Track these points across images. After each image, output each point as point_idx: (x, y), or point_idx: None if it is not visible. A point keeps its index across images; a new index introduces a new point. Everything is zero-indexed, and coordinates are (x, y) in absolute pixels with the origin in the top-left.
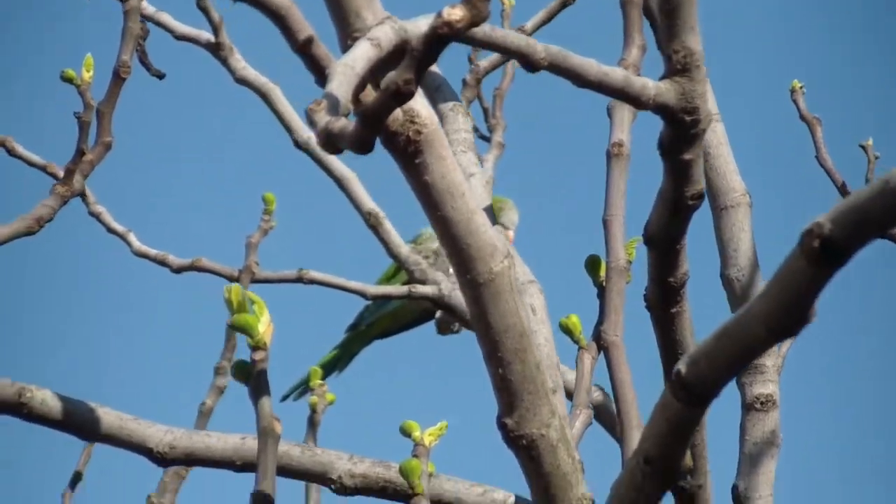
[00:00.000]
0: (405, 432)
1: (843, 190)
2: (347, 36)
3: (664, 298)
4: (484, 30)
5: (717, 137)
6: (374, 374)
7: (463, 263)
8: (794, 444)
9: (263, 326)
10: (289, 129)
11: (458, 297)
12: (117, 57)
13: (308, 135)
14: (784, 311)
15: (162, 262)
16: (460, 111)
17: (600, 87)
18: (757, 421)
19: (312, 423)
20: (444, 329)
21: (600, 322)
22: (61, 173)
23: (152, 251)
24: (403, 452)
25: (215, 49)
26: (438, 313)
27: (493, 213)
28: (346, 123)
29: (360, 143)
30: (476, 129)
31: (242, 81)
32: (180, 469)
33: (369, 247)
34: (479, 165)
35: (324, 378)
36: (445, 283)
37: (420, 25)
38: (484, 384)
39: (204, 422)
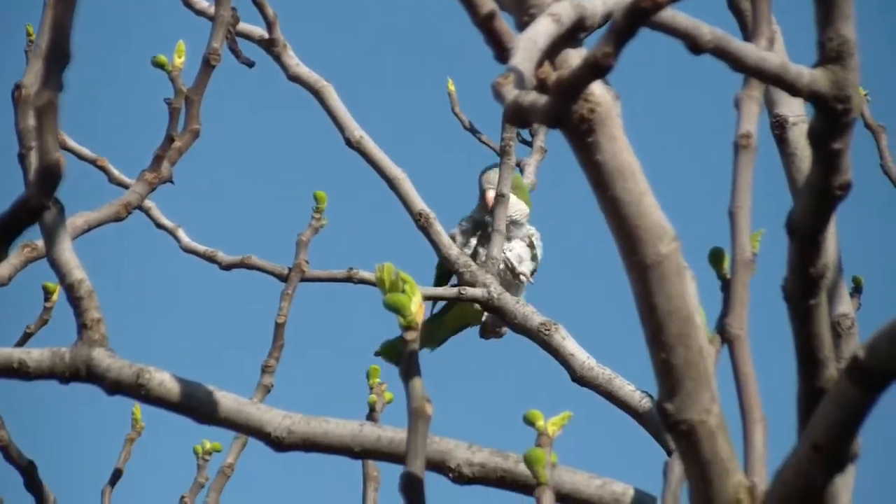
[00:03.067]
0: (529, 421)
1: None
2: (524, 12)
3: (804, 290)
4: None
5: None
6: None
7: (631, 245)
8: None
9: (415, 306)
10: (341, 127)
11: (506, 300)
12: (208, 44)
13: (360, 133)
14: None
15: (211, 259)
16: None
17: (757, 72)
18: None
19: (371, 420)
20: (489, 333)
21: (724, 315)
22: (111, 167)
23: (201, 248)
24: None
25: (269, 45)
26: (485, 316)
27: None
28: (537, 97)
29: (553, 117)
30: (518, 134)
31: (295, 79)
32: (225, 468)
33: (420, 247)
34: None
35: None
36: (495, 286)
37: (596, 2)
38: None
39: None
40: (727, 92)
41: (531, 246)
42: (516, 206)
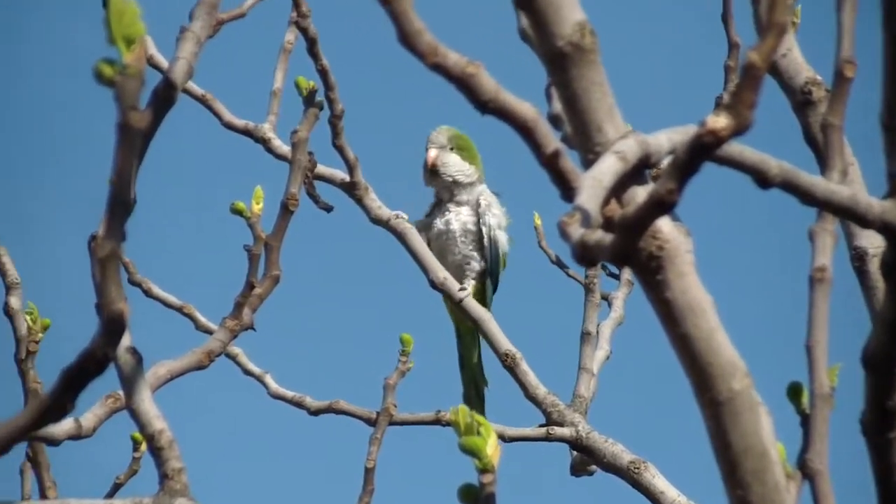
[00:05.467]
0: None
1: None
2: (589, 150)
3: (881, 423)
4: None
5: None
6: None
7: (703, 381)
8: None
9: (491, 449)
10: (425, 269)
11: (595, 439)
12: (286, 189)
13: (444, 275)
14: None
15: (299, 405)
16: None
17: (827, 205)
18: None
19: None
20: (580, 470)
21: (804, 450)
22: (197, 314)
23: (289, 393)
24: None
25: (350, 188)
26: (574, 454)
27: None
28: (603, 235)
29: (619, 255)
30: (605, 268)
31: (378, 221)
32: None
33: (506, 386)
34: (608, 305)
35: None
36: (583, 425)
37: (661, 139)
38: None
39: None
40: (802, 224)
41: (477, 212)
42: (457, 166)
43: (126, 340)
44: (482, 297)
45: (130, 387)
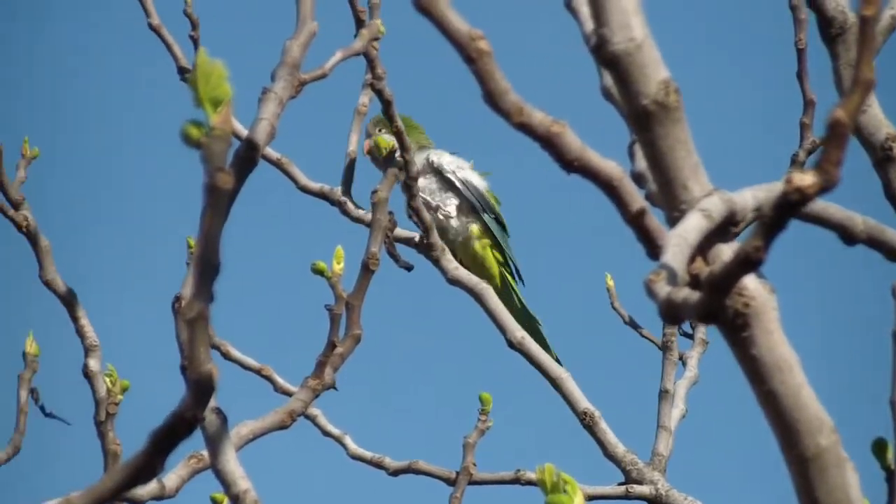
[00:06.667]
0: None
1: None
2: (674, 208)
3: None
4: None
5: None
6: None
7: (789, 438)
8: None
9: None
10: (502, 328)
11: (674, 497)
12: (366, 248)
13: (522, 334)
14: None
15: (378, 465)
16: None
17: None
18: None
19: None
20: None
21: None
22: (276, 376)
23: (368, 454)
24: None
25: (427, 249)
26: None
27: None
28: (689, 293)
29: (706, 313)
30: (679, 327)
31: (455, 282)
32: None
33: (583, 444)
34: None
35: None
36: (662, 483)
37: (746, 196)
38: None
39: None
40: (886, 279)
41: (441, 176)
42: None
43: (211, 401)
44: (490, 237)
45: (215, 447)
